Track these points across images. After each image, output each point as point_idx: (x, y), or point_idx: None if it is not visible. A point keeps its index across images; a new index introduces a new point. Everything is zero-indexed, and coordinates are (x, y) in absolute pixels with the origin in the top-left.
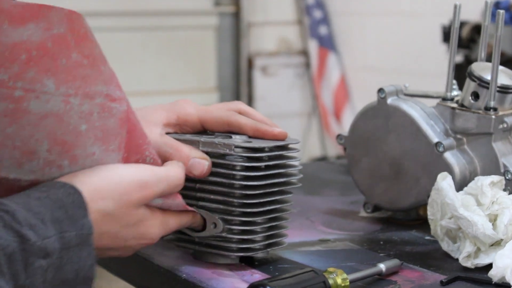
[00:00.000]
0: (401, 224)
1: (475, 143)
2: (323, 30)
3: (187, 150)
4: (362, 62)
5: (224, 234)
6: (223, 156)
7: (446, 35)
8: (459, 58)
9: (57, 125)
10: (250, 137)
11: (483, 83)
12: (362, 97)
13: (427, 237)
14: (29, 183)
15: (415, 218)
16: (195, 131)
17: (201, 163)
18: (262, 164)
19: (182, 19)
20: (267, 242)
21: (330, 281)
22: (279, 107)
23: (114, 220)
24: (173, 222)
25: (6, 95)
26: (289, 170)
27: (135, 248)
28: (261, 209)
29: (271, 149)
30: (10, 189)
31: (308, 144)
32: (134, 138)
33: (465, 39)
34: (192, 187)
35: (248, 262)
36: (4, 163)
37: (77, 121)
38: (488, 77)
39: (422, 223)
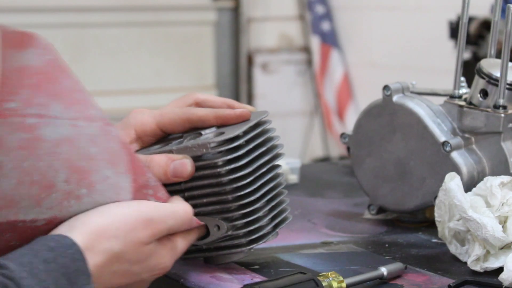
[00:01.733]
0: (407, 226)
1: (484, 142)
2: (325, 25)
3: (163, 157)
4: (366, 59)
5: (230, 233)
6: (200, 157)
7: (454, 31)
8: (466, 55)
9: (71, 150)
10: (218, 127)
11: (492, 80)
12: (366, 95)
13: (434, 240)
14: (46, 222)
15: (422, 220)
16: (158, 139)
17: (184, 163)
18: (243, 151)
19: (179, 15)
20: (273, 223)
21: (324, 284)
22: (280, 106)
23: (122, 258)
24: (182, 244)
25: (19, 125)
26: (271, 144)
27: (149, 280)
28: (257, 195)
29: (246, 131)
30: (24, 233)
31: (310, 144)
32: (135, 160)
33: (473, 35)
34: (180, 197)
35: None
36: (22, 204)
37: (87, 144)
38: (497, 74)
39: (429, 225)
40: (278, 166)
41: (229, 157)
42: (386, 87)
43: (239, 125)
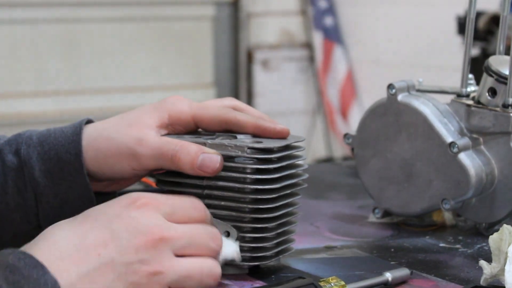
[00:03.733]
0: (413, 230)
1: (493, 143)
2: (328, 21)
3: (194, 146)
4: (371, 56)
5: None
6: (232, 158)
7: (462, 27)
8: (475, 51)
9: None
10: (253, 136)
11: (501, 79)
12: (371, 94)
13: (442, 244)
14: None
15: (429, 223)
16: (188, 131)
17: (214, 158)
18: (273, 166)
19: (177, 9)
20: (278, 249)
21: None
22: (281, 104)
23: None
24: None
25: None
26: (297, 171)
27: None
28: (274, 214)
29: (280, 149)
30: None
31: (312, 145)
32: None
33: (481, 31)
34: (199, 193)
35: (253, 272)
36: None
37: None
38: (506, 71)
39: (436, 229)
40: (297, 194)
41: (260, 166)
42: (390, 86)
43: (275, 141)
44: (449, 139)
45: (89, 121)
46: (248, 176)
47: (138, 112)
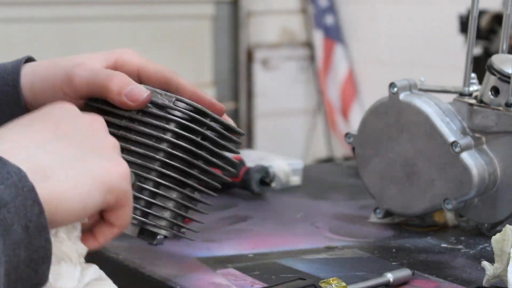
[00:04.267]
0: (415, 231)
1: (495, 142)
2: (329, 19)
3: (125, 77)
4: (372, 55)
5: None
6: (159, 106)
7: (464, 25)
8: (478, 50)
9: None
10: None
11: (504, 77)
12: (372, 93)
13: (444, 245)
14: None
15: (430, 224)
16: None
17: (142, 90)
18: (200, 128)
19: (176, 8)
20: (174, 220)
21: None
22: (281, 104)
23: None
24: None
25: None
26: (225, 155)
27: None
28: (184, 180)
29: (215, 119)
30: None
31: (313, 144)
32: None
33: (484, 30)
34: (114, 132)
35: (148, 237)
36: None
37: None
38: (509, 70)
39: (438, 230)
40: (216, 175)
41: (184, 122)
42: (392, 85)
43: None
44: (451, 138)
45: (30, 59)
46: (170, 127)
47: (86, 55)
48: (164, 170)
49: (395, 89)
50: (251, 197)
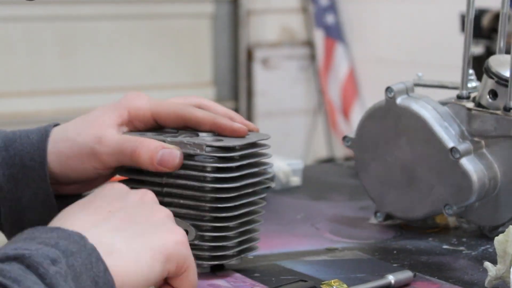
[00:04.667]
0: (416, 232)
1: (495, 146)
2: (330, 18)
3: (153, 142)
4: (373, 54)
5: (196, 242)
6: (191, 156)
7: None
8: (479, 50)
9: None
10: (218, 134)
11: (502, 81)
12: (373, 93)
13: (445, 246)
14: None
15: (432, 225)
16: (149, 128)
17: (173, 153)
18: (234, 164)
19: (175, 7)
20: (240, 248)
21: None
22: (282, 104)
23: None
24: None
25: None
26: (261, 169)
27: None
28: (235, 213)
29: (242, 147)
30: None
31: (313, 144)
32: None
33: (486, 29)
34: (158, 191)
35: (219, 270)
36: None
37: None
38: (507, 73)
39: (439, 231)
40: (262, 194)
41: (219, 165)
42: (388, 89)
43: (237, 139)
44: (450, 144)
45: (55, 125)
46: (208, 174)
47: (98, 111)
48: (217, 214)
49: (392, 94)
50: None
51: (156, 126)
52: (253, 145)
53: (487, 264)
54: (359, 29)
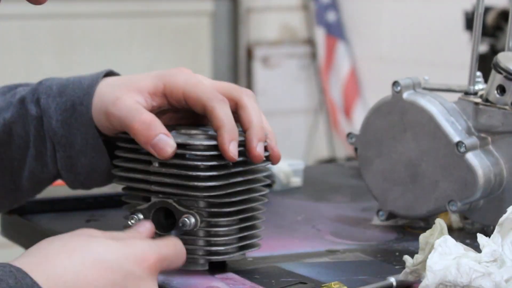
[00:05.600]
0: (418, 233)
1: (501, 142)
2: (331, 16)
3: (159, 124)
4: (375, 52)
5: (191, 237)
6: (184, 154)
7: (469, 22)
8: (483, 48)
9: None
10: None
11: (510, 76)
12: (375, 92)
13: None
14: None
15: None
16: (181, 106)
17: (169, 143)
18: (226, 162)
19: (173, 4)
20: (240, 244)
21: None
22: (282, 103)
23: None
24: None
25: None
26: (260, 166)
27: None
28: (229, 209)
29: (241, 143)
30: None
31: (314, 144)
32: None
33: (490, 27)
34: (146, 179)
35: (221, 268)
36: None
37: None
38: None
39: None
40: (260, 190)
41: (210, 163)
42: (395, 83)
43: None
44: (456, 138)
45: (109, 73)
46: (201, 173)
47: (136, 76)
48: (214, 210)
49: (399, 88)
50: None
51: (187, 107)
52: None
53: (406, 257)
54: (361, 27)
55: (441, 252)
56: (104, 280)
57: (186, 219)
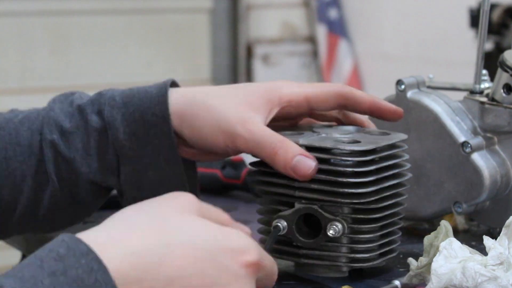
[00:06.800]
0: (423, 235)
1: (508, 142)
2: (333, 13)
3: (295, 146)
4: (378, 50)
5: (335, 244)
6: (327, 161)
7: (474, 19)
8: (489, 46)
9: None
10: (355, 131)
11: None
12: (378, 90)
13: None
14: None
15: None
16: (299, 113)
17: (308, 164)
18: (373, 167)
19: (172, 1)
20: (380, 251)
21: None
22: None
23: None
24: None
25: None
26: (400, 171)
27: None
28: (374, 216)
29: (382, 149)
30: None
31: None
32: None
33: (495, 24)
34: (290, 194)
35: (354, 275)
36: None
37: None
38: None
39: None
40: (401, 195)
41: (358, 169)
42: (399, 82)
43: (375, 139)
44: (461, 138)
45: (173, 83)
46: (346, 179)
47: (248, 90)
48: (359, 216)
49: (403, 87)
50: (252, 200)
51: (307, 111)
52: (392, 146)
53: (410, 259)
54: (363, 24)
55: (446, 255)
56: (192, 269)
57: (334, 226)
